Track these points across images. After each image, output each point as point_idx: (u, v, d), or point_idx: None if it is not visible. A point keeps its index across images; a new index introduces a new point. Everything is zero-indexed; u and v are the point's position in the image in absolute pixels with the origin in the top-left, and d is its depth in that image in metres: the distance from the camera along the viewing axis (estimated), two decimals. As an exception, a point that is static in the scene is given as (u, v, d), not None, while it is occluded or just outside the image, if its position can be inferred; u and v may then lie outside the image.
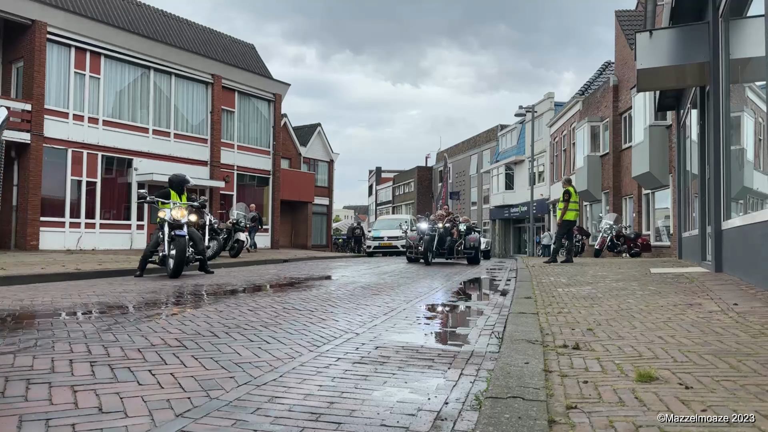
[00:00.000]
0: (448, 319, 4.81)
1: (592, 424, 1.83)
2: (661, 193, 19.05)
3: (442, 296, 6.29)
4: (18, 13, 16.64)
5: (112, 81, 19.28)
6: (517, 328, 3.60)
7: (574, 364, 2.64)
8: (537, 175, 35.17)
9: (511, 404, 1.99)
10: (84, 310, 4.61)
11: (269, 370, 2.71)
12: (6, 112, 4.66)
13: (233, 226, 14.40)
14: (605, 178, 24.08)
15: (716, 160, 7.44)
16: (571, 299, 5.23)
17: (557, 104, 34.97)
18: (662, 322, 3.77)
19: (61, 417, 1.97)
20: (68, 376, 2.50)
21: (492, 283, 8.73)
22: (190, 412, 2.05)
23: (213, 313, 4.55)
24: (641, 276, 7.41)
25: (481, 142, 49.65)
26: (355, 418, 2.03)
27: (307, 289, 6.78)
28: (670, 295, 5.18)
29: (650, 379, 2.31)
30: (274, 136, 25.34)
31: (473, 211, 46.85)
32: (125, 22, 20.03)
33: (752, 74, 6.45)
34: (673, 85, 10.01)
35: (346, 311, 4.81)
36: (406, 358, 3.03)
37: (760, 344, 2.97)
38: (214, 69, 22.36)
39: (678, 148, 13.13)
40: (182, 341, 3.31)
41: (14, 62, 17.89)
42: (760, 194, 6.27)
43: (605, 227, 19.55)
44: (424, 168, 61.68)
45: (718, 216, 7.40)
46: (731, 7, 6.86)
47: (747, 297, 4.76)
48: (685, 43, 8.13)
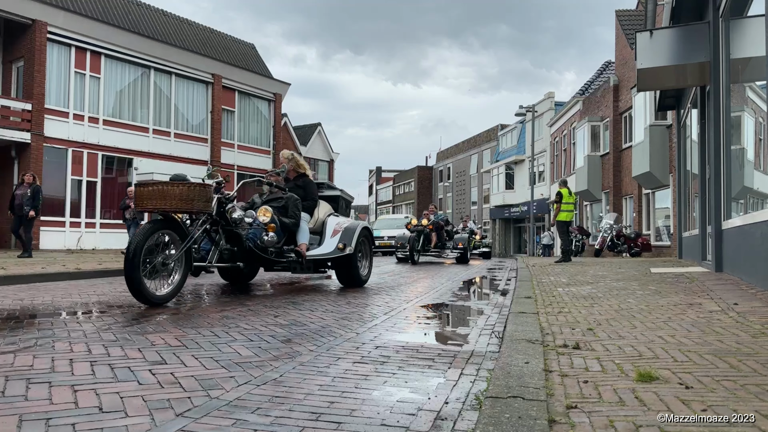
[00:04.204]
0: (448, 318, 4.81)
1: (592, 424, 1.83)
2: (662, 192, 19.05)
3: (442, 296, 6.30)
4: (18, 13, 16.65)
5: (113, 80, 19.29)
6: (518, 327, 3.60)
7: (575, 364, 2.64)
8: (537, 174, 35.18)
9: (511, 404, 1.99)
10: (84, 310, 4.61)
11: (269, 369, 2.71)
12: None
13: (233, 225, 14.39)
14: (605, 178, 24.08)
15: (716, 159, 7.44)
16: (571, 299, 5.23)
17: (557, 104, 34.98)
18: (662, 321, 3.77)
19: (61, 417, 1.98)
20: (68, 375, 2.51)
21: (492, 282, 8.73)
22: (190, 412, 2.06)
23: (213, 312, 4.55)
24: (641, 276, 7.41)
25: (481, 142, 49.66)
26: (355, 418, 2.03)
27: (308, 289, 6.78)
28: (671, 295, 5.18)
29: (650, 378, 2.31)
30: (274, 136, 25.36)
31: (473, 211, 46.83)
32: (125, 22, 20.04)
33: (752, 74, 6.45)
34: (674, 85, 10.01)
35: (346, 311, 4.81)
36: (406, 357, 3.03)
37: (761, 344, 2.97)
38: (215, 68, 22.37)
39: (678, 148, 13.13)
40: (182, 341, 3.31)
41: (14, 62, 17.90)
42: (761, 194, 6.26)
43: (605, 227, 19.57)
44: (424, 168, 61.72)
45: (719, 216, 7.40)
46: (731, 6, 6.86)
47: (747, 297, 4.76)
48: (685, 43, 8.13)
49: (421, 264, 13.64)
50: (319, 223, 6.86)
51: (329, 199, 7.55)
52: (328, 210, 7.16)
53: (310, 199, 6.81)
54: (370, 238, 7.32)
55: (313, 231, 6.71)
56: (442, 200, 56.55)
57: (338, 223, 6.87)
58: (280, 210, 6.22)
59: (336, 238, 6.64)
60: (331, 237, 6.67)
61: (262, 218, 5.81)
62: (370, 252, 7.36)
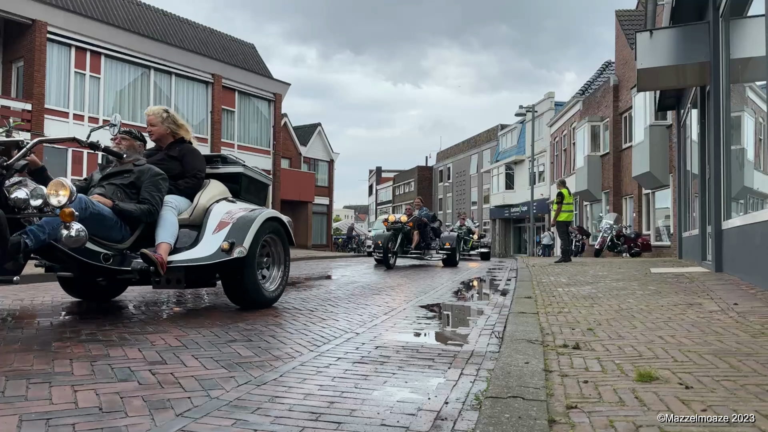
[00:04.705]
0: (448, 318, 4.81)
1: (592, 424, 1.83)
2: (662, 192, 19.05)
3: (442, 296, 6.29)
4: (18, 13, 16.64)
5: (113, 81, 19.29)
6: (518, 327, 3.60)
7: (574, 364, 2.64)
8: (537, 174, 35.19)
9: (511, 404, 1.99)
10: (84, 309, 4.61)
11: (269, 369, 2.71)
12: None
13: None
14: (605, 178, 24.08)
15: (716, 159, 7.44)
16: (571, 299, 5.23)
17: (557, 104, 35.00)
18: (662, 321, 3.77)
19: (61, 416, 1.98)
20: (68, 375, 2.50)
21: (492, 282, 8.73)
22: (190, 412, 2.06)
23: (213, 312, 4.55)
24: (641, 276, 7.41)
25: (481, 142, 49.68)
26: (355, 418, 2.03)
27: (307, 289, 6.79)
28: (671, 295, 5.18)
29: (650, 378, 2.31)
30: (274, 136, 25.36)
31: (473, 211, 46.85)
32: (125, 22, 20.04)
33: (752, 74, 6.45)
34: (674, 85, 10.01)
35: (346, 311, 4.81)
36: (406, 357, 3.03)
37: (761, 344, 2.97)
38: (215, 69, 22.36)
39: (678, 148, 13.13)
40: (182, 341, 3.31)
41: (14, 62, 17.89)
42: (761, 194, 6.27)
43: (605, 227, 19.57)
44: (424, 168, 61.75)
45: (719, 216, 7.40)
46: (731, 6, 6.86)
47: (747, 297, 4.76)
48: (685, 43, 8.14)
49: (399, 268, 11.31)
50: (201, 211, 4.65)
51: (225, 178, 5.24)
52: (219, 193, 4.92)
53: (190, 177, 4.76)
54: (285, 235, 5.08)
55: (191, 224, 4.56)
56: (442, 200, 56.58)
57: (229, 211, 4.63)
58: (125, 190, 4.34)
59: (221, 235, 4.40)
60: (214, 232, 4.44)
61: (54, 199, 3.46)
62: (285, 255, 5.10)
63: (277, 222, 4.90)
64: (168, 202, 4.44)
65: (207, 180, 4.98)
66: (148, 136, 5.00)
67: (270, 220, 4.75)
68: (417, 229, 12.51)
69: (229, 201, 4.91)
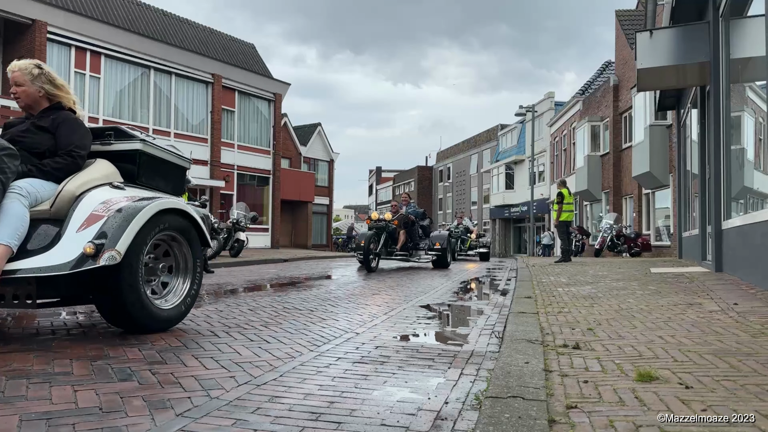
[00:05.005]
0: (448, 318, 4.81)
1: (592, 424, 1.83)
2: (661, 192, 19.05)
3: (442, 296, 6.29)
4: (18, 13, 16.64)
5: (113, 81, 19.28)
6: (518, 327, 3.60)
7: (574, 364, 2.64)
8: (537, 174, 35.18)
9: (511, 404, 1.99)
10: (84, 309, 4.61)
11: (269, 369, 2.71)
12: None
13: (233, 225, 14.42)
14: (605, 178, 24.09)
15: (716, 159, 7.44)
16: (571, 299, 5.23)
17: (557, 104, 35.01)
18: (662, 321, 3.77)
19: (61, 416, 1.97)
20: (68, 375, 2.50)
21: (492, 282, 8.73)
22: (190, 412, 2.06)
23: (213, 312, 4.56)
24: (641, 276, 7.41)
25: (481, 142, 49.68)
26: (355, 418, 2.03)
27: (307, 289, 6.79)
28: (671, 295, 5.18)
29: (650, 378, 2.31)
30: (274, 136, 25.35)
31: (473, 211, 46.85)
32: (125, 22, 20.04)
33: (752, 74, 6.45)
34: (674, 85, 10.01)
35: (346, 311, 4.81)
36: (406, 357, 3.03)
37: (761, 344, 2.97)
38: (214, 68, 22.36)
39: (678, 148, 13.14)
40: (182, 340, 3.31)
41: (14, 62, 17.88)
42: (761, 194, 6.27)
43: (605, 227, 19.57)
44: (424, 167, 61.78)
45: (719, 216, 7.40)
46: (731, 6, 6.86)
47: (747, 297, 4.76)
48: (685, 43, 8.14)
49: (382, 271, 10.19)
50: (67, 200, 3.37)
51: (119, 157, 3.88)
52: (102, 177, 3.62)
53: (64, 154, 3.53)
54: (195, 233, 3.84)
55: (55, 217, 3.31)
56: (442, 200, 56.61)
57: (106, 201, 3.36)
58: None
59: (87, 233, 3.16)
60: (79, 230, 3.20)
61: None
62: (195, 260, 3.84)
63: (182, 216, 3.69)
64: (15, 187, 3.20)
65: (92, 159, 3.72)
66: (14, 99, 3.75)
67: (168, 212, 3.54)
68: (403, 228, 11.20)
69: (114, 187, 3.57)
